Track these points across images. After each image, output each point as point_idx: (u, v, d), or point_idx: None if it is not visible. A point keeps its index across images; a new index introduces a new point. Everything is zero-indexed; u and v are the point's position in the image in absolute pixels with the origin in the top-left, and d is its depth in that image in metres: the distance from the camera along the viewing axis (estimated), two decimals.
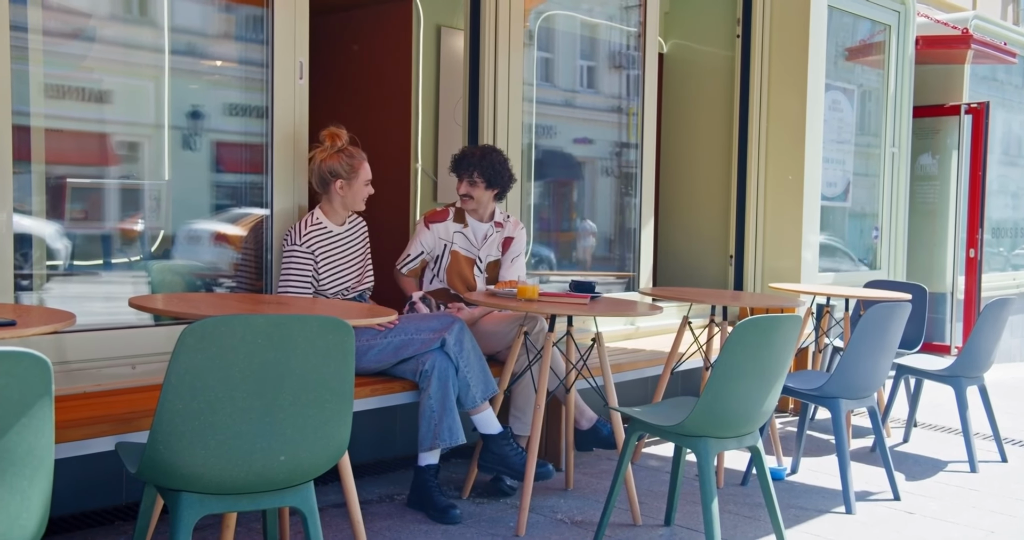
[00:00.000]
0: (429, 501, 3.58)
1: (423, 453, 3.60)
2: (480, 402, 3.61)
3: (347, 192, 3.71)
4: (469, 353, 3.60)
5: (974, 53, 7.26)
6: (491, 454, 3.65)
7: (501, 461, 3.63)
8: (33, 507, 1.79)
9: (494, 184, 4.07)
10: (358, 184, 3.72)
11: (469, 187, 4.06)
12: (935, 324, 7.15)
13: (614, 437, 3.99)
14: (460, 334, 3.59)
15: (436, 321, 3.62)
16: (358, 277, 3.83)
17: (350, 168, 3.69)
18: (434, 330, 3.58)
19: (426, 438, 3.53)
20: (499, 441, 3.64)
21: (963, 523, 3.76)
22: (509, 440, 3.65)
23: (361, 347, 3.55)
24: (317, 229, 3.71)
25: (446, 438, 3.50)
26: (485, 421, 3.66)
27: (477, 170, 4.03)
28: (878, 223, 6.64)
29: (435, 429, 3.51)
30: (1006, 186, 8.88)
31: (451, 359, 3.56)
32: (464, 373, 3.58)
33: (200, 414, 2.14)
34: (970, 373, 4.62)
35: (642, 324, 5.45)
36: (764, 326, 2.96)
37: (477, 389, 3.60)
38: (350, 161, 3.70)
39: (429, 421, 3.52)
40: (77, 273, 3.53)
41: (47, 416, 1.77)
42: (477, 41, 4.66)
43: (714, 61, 6.17)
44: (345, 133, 3.76)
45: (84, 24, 3.47)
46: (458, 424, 3.53)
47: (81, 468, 3.20)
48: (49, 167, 3.38)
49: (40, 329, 2.23)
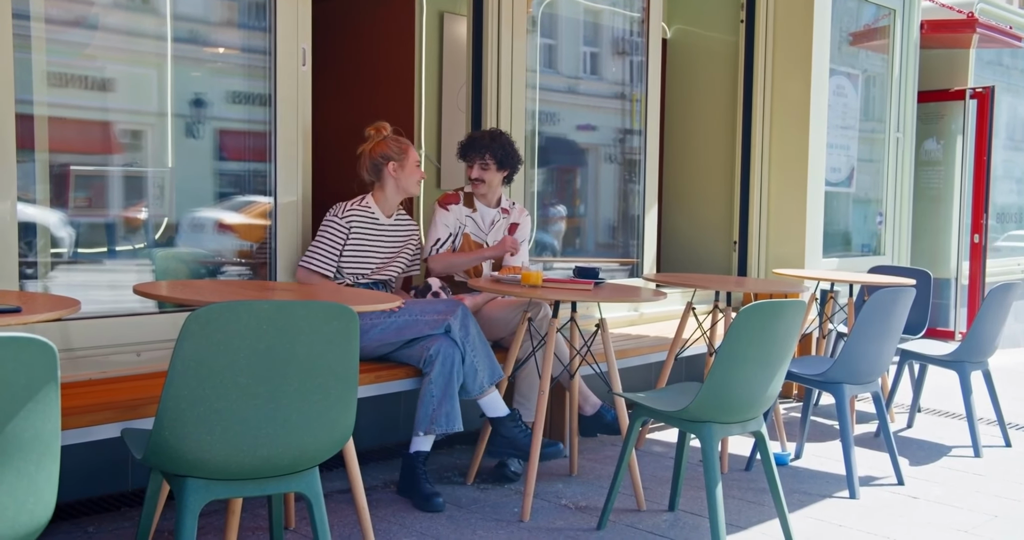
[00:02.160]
0: (415, 488, 3.55)
1: (417, 438, 3.57)
2: (487, 387, 3.61)
3: (400, 174, 3.85)
4: (475, 338, 3.60)
5: (979, 37, 7.22)
6: (500, 438, 3.65)
7: (511, 443, 3.63)
8: (40, 492, 1.80)
9: (505, 165, 4.11)
10: (410, 165, 3.87)
11: (481, 170, 4.09)
12: (939, 309, 7.15)
13: (618, 423, 3.99)
14: (464, 319, 3.59)
15: (441, 304, 3.64)
16: (379, 267, 3.85)
17: (399, 150, 3.86)
18: (438, 313, 3.59)
19: (422, 422, 3.52)
20: (507, 423, 3.64)
21: (967, 507, 3.77)
22: (518, 422, 3.66)
23: (364, 325, 3.55)
24: (363, 210, 3.81)
25: (443, 424, 3.50)
26: (492, 404, 3.66)
27: (488, 152, 4.08)
28: (882, 208, 6.63)
29: (433, 414, 3.50)
30: (1011, 171, 8.85)
31: (457, 345, 3.56)
32: (471, 359, 3.58)
33: (205, 400, 2.15)
34: (974, 358, 4.62)
35: (646, 310, 5.45)
36: (768, 312, 2.96)
37: (484, 374, 3.60)
38: (398, 145, 3.88)
39: (428, 406, 3.51)
40: (81, 261, 3.53)
41: (53, 401, 1.78)
42: (480, 27, 4.65)
43: (718, 46, 6.14)
44: (388, 125, 3.93)
45: (87, 12, 3.47)
46: (457, 411, 3.52)
47: (87, 454, 3.22)
48: (53, 155, 3.38)
49: (45, 316, 2.24)
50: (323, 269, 3.71)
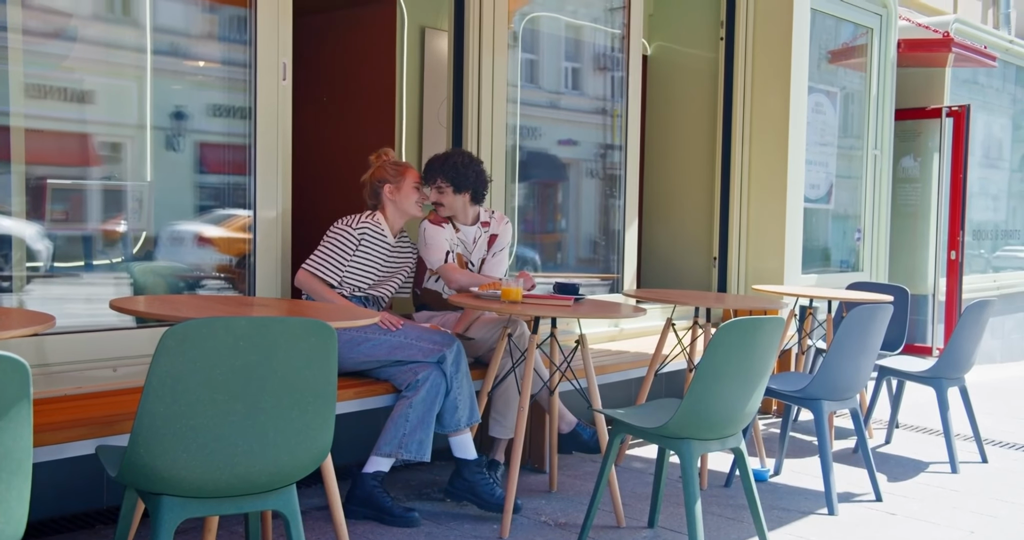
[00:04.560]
0: (381, 507, 3.50)
1: (378, 457, 3.51)
2: (463, 426, 3.61)
3: (396, 196, 3.83)
4: (463, 377, 3.61)
5: (955, 56, 7.31)
6: (462, 480, 3.65)
7: (470, 489, 3.63)
8: (11, 510, 1.77)
9: (462, 187, 3.96)
10: (407, 187, 3.84)
11: (438, 194, 3.98)
12: (917, 326, 7.19)
13: (594, 441, 3.99)
14: (458, 356, 3.62)
15: (438, 335, 3.64)
16: (376, 283, 3.83)
17: (396, 172, 3.85)
18: (435, 342, 3.58)
19: (389, 443, 3.48)
20: (472, 467, 3.63)
21: (944, 524, 3.78)
22: (483, 469, 3.65)
23: (357, 337, 3.54)
24: (374, 226, 3.79)
25: (412, 450, 3.47)
26: (463, 445, 3.64)
27: (440, 176, 3.95)
28: (861, 225, 6.67)
29: (403, 438, 3.47)
30: (987, 188, 8.94)
31: (445, 377, 3.56)
32: (454, 395, 3.57)
33: (181, 417, 2.13)
34: (951, 374, 4.65)
35: (626, 326, 5.46)
36: (747, 328, 2.97)
37: (463, 413, 3.59)
38: (396, 168, 3.87)
39: (399, 428, 3.48)
40: (58, 274, 3.50)
41: (25, 419, 1.76)
42: (461, 42, 4.65)
43: (698, 63, 6.18)
44: (391, 151, 3.95)
45: (65, 23, 3.45)
46: (430, 441, 3.50)
47: (62, 471, 3.18)
48: (30, 167, 3.35)
49: (19, 331, 2.21)
50: (328, 277, 3.69)
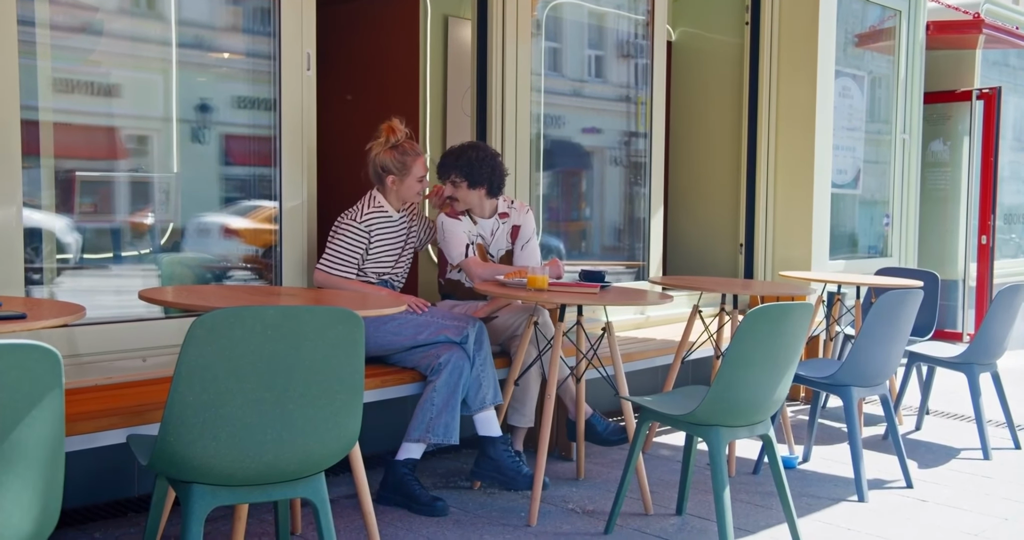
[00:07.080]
0: (411, 495, 3.50)
1: (408, 443, 3.51)
2: (488, 404, 3.61)
3: (399, 187, 3.80)
4: (486, 355, 3.63)
5: (986, 38, 7.21)
6: (488, 460, 3.65)
7: (496, 467, 3.63)
8: (45, 499, 1.80)
9: (477, 182, 3.92)
10: (410, 180, 3.79)
11: (452, 189, 3.96)
12: (947, 311, 7.12)
13: (607, 433, 3.98)
14: (480, 334, 3.64)
15: (463, 317, 3.68)
16: (392, 264, 3.85)
17: (402, 165, 3.77)
18: (459, 321, 3.62)
19: (417, 428, 3.49)
20: (499, 445, 3.64)
21: (976, 510, 3.75)
22: (508, 446, 3.65)
23: (383, 317, 3.56)
24: (378, 211, 3.77)
25: (440, 434, 3.47)
26: (488, 422, 3.64)
27: (454, 171, 3.92)
28: (889, 210, 6.61)
29: (430, 422, 3.48)
30: (1018, 172, 8.82)
31: (468, 356, 3.56)
32: (477, 371, 3.58)
33: (210, 406, 2.15)
34: (983, 360, 4.60)
35: (652, 313, 5.44)
36: (775, 314, 2.95)
37: (488, 391, 3.60)
38: (402, 158, 3.77)
39: (426, 412, 3.49)
40: (87, 266, 3.54)
41: (57, 408, 1.78)
42: (485, 31, 4.65)
43: (723, 49, 6.13)
44: (402, 128, 3.81)
45: (92, 18, 3.47)
46: (456, 424, 3.50)
47: (93, 460, 3.22)
48: (58, 161, 3.38)
49: (50, 322, 2.24)
50: (347, 274, 3.70)
